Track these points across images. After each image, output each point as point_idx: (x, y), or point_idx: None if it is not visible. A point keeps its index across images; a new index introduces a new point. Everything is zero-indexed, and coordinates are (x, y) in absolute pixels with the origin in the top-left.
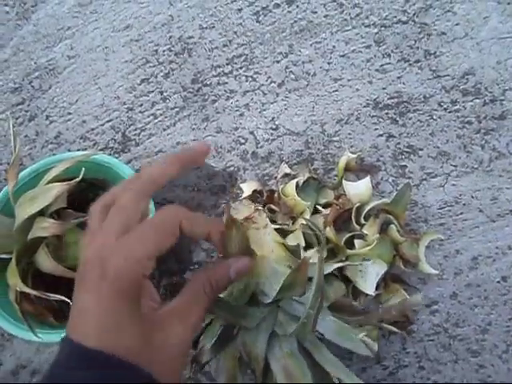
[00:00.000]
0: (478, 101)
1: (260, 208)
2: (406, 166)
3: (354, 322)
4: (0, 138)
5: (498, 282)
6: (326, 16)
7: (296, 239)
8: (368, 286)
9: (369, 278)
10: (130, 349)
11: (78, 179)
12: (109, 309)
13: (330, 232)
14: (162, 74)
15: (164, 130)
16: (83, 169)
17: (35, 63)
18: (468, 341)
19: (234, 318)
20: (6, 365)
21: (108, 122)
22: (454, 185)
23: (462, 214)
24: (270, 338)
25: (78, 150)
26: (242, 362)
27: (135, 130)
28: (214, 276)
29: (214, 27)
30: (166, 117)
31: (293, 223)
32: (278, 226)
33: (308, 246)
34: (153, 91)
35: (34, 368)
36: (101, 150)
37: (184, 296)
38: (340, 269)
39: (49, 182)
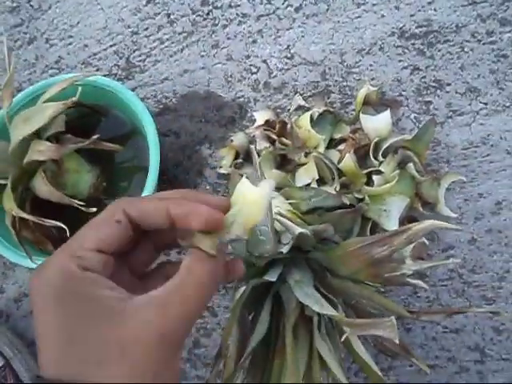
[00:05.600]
0: None
1: None
2: (430, 102)
3: None
4: (0, 61)
5: None
6: None
7: (308, 173)
8: (391, 222)
9: (392, 214)
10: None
11: (74, 98)
12: (52, 322)
13: (349, 159)
14: None
15: (171, 56)
16: (80, 88)
17: None
18: (483, 288)
19: None
20: (9, 292)
21: (111, 46)
22: (481, 124)
23: (488, 155)
24: None
25: None
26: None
27: (140, 55)
28: None
29: None
30: (172, 42)
31: (305, 158)
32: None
33: (321, 181)
34: (159, 13)
35: None
36: (104, 76)
37: None
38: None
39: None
